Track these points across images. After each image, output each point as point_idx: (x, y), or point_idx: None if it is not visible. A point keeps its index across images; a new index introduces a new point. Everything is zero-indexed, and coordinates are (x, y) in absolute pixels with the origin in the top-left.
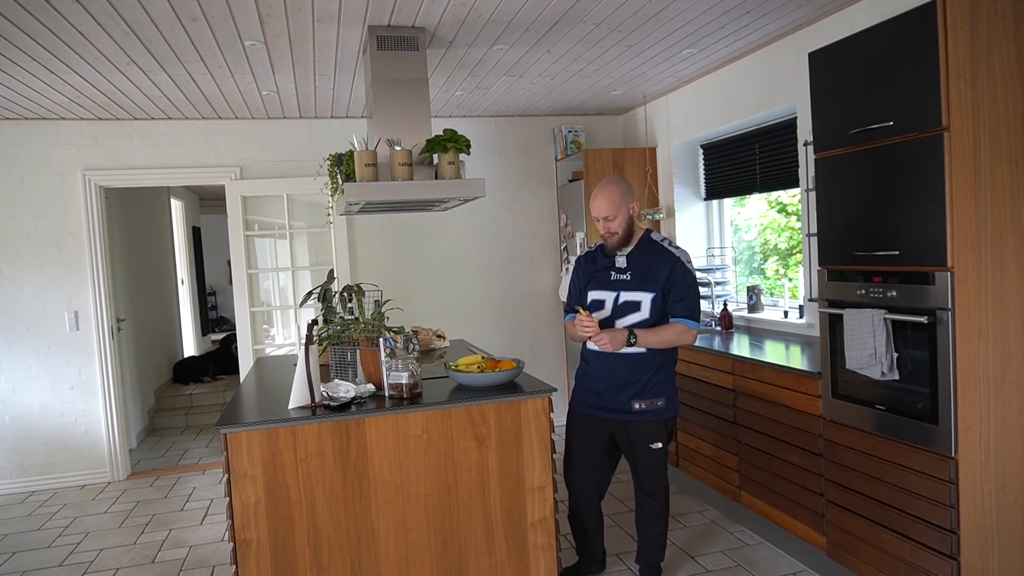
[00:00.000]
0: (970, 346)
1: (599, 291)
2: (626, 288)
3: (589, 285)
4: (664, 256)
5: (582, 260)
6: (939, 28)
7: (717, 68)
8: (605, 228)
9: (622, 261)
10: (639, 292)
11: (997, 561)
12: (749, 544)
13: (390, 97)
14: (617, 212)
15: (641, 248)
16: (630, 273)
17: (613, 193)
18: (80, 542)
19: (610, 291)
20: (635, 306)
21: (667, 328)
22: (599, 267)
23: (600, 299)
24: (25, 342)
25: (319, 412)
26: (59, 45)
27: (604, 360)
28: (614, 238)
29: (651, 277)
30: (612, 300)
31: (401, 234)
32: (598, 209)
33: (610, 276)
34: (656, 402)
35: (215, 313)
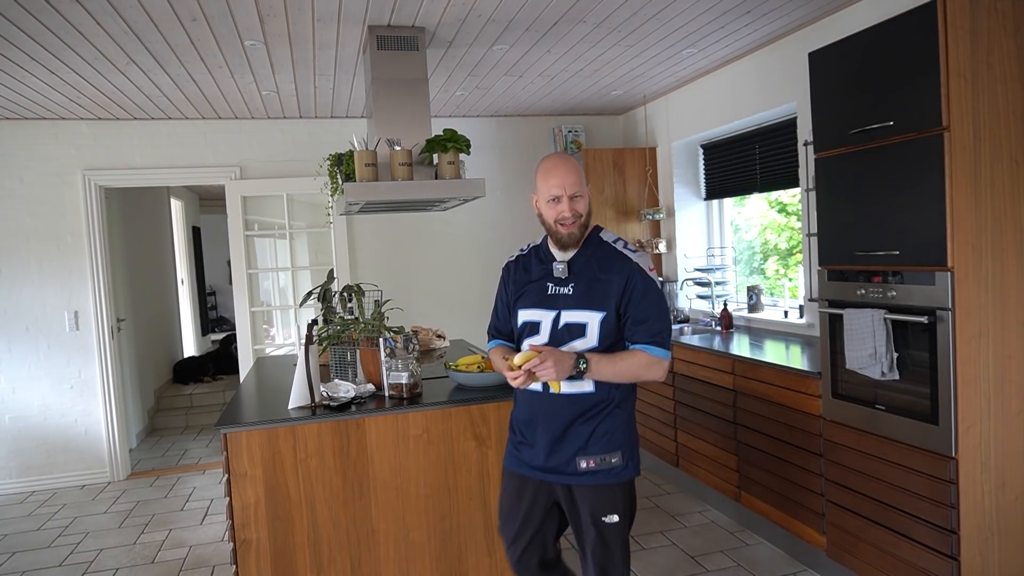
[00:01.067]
0: (970, 346)
1: (533, 310)
2: (568, 305)
3: (520, 301)
4: (618, 262)
5: (511, 267)
6: (939, 28)
7: (717, 68)
8: (571, 210)
9: (562, 269)
10: (584, 311)
11: (997, 561)
12: (749, 544)
13: (390, 97)
14: (583, 187)
15: (588, 251)
16: (573, 285)
17: (575, 164)
18: (80, 542)
19: (547, 309)
20: (579, 330)
21: (628, 356)
22: (533, 277)
23: (533, 320)
24: (25, 342)
25: (319, 412)
26: (59, 45)
27: (539, 401)
28: (576, 226)
29: (600, 290)
30: (550, 322)
31: (401, 234)
32: (563, 182)
33: (546, 289)
34: (610, 459)
35: (215, 313)
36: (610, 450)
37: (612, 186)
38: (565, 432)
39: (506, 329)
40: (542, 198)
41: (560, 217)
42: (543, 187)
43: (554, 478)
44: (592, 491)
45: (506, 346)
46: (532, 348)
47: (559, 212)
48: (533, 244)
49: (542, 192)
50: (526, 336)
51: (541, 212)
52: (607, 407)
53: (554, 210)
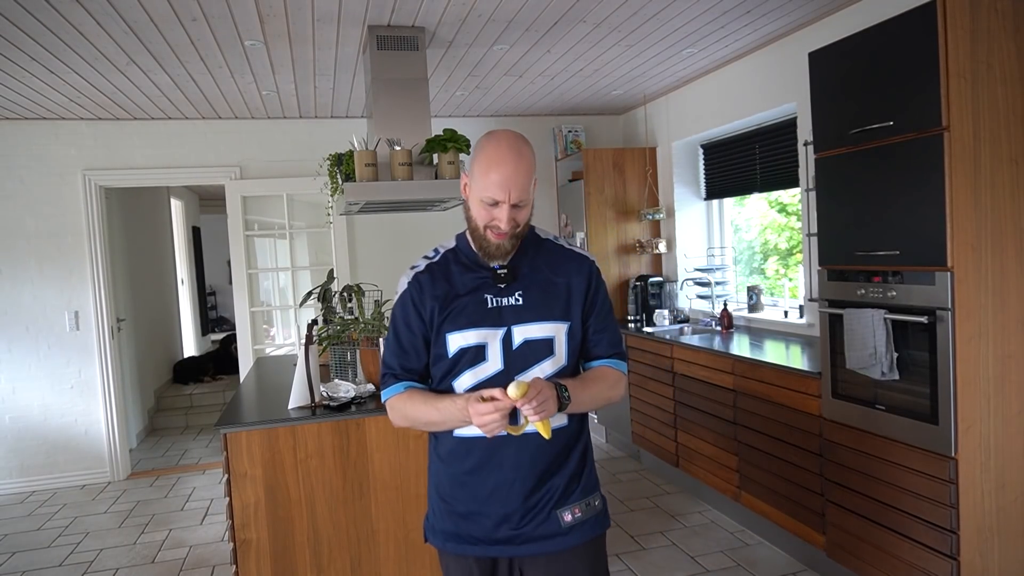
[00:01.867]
0: (970, 346)
1: (471, 330)
2: (521, 318)
3: (448, 323)
4: (574, 261)
5: (421, 281)
6: (939, 28)
7: (717, 68)
8: (510, 221)
9: (505, 270)
10: (545, 322)
11: (997, 561)
12: (749, 544)
13: (390, 97)
14: (530, 193)
15: (530, 251)
16: (522, 293)
17: (529, 160)
18: (80, 542)
19: (491, 327)
20: (543, 347)
21: (596, 376)
22: (460, 289)
23: (475, 344)
24: (25, 342)
25: (319, 412)
26: (59, 45)
27: (497, 448)
28: (507, 237)
29: (559, 295)
30: (499, 342)
31: (401, 234)
32: (508, 184)
33: (485, 302)
34: (593, 502)
35: (215, 313)
36: (591, 491)
37: (612, 186)
38: (538, 482)
39: (418, 366)
40: (475, 192)
41: (492, 223)
42: (480, 181)
43: (528, 549)
44: (585, 550)
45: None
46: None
47: (492, 217)
48: (443, 248)
49: (477, 185)
50: (466, 367)
51: (469, 206)
52: (582, 438)
53: (487, 213)
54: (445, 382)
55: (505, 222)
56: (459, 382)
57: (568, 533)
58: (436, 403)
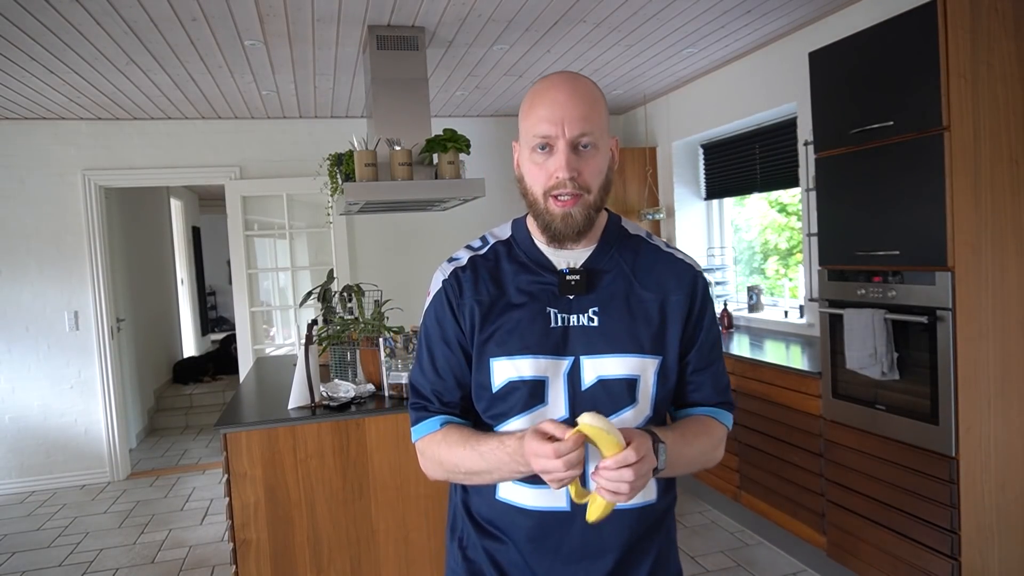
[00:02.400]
0: (971, 346)
1: (526, 357)
2: (595, 348)
3: (493, 343)
4: (672, 268)
5: (460, 280)
6: (939, 28)
7: (717, 68)
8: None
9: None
10: (626, 355)
11: (997, 561)
12: (749, 544)
13: (390, 97)
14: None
15: (611, 247)
16: (598, 310)
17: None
18: (80, 542)
19: (552, 356)
20: (623, 392)
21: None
22: (512, 295)
23: (530, 377)
24: (25, 342)
25: (319, 412)
26: (59, 45)
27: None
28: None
29: (647, 317)
30: (563, 379)
31: (401, 234)
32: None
33: (548, 318)
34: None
35: (215, 313)
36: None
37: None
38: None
39: (458, 395)
40: (523, 145)
41: (551, 185)
42: (526, 125)
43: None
44: None
45: (466, 425)
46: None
47: (549, 174)
48: (493, 237)
49: (524, 135)
50: (517, 409)
51: (523, 175)
52: (668, 511)
53: (541, 169)
54: (487, 425)
55: (564, 168)
56: (508, 428)
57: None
58: (479, 445)
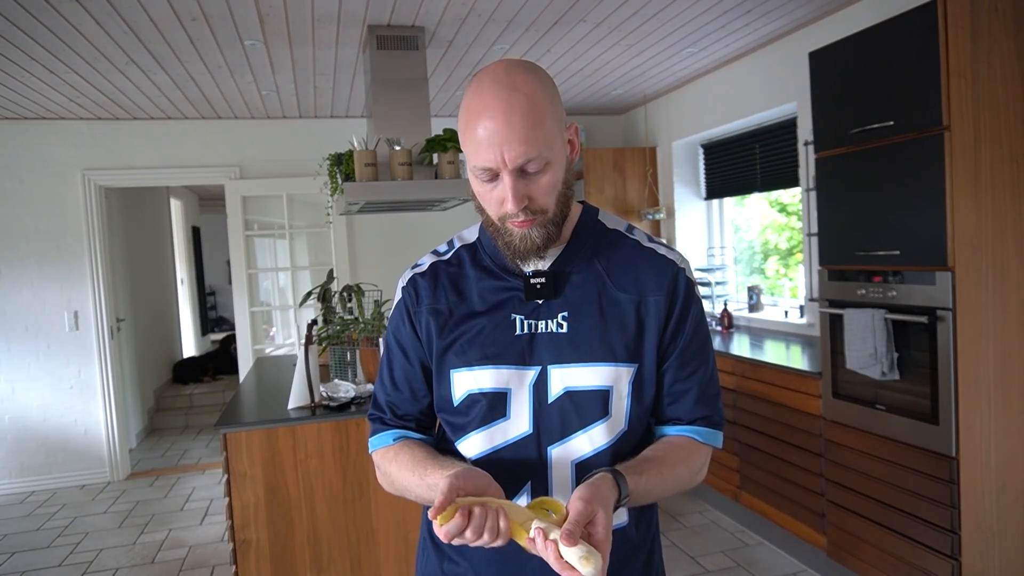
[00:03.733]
0: (971, 346)
1: (487, 368)
2: (563, 356)
3: (453, 353)
4: (649, 263)
5: (421, 284)
6: (939, 28)
7: (717, 68)
8: (518, 200)
9: (544, 278)
10: (599, 365)
11: (998, 561)
12: (749, 544)
13: (390, 97)
14: (547, 148)
15: (585, 245)
16: (568, 315)
17: (533, 99)
18: (80, 542)
19: (518, 366)
20: (594, 404)
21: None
22: (475, 303)
23: (492, 389)
24: (25, 342)
25: (319, 412)
26: (58, 45)
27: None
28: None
29: (621, 320)
30: (528, 391)
31: (401, 234)
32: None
33: (512, 325)
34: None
35: (215, 313)
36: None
37: (612, 186)
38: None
39: (414, 409)
40: (469, 166)
41: (503, 213)
42: (467, 147)
43: None
44: None
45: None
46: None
47: (497, 202)
48: (460, 241)
49: (467, 156)
50: (476, 423)
51: (476, 194)
52: (648, 533)
53: (490, 195)
54: (448, 441)
55: (512, 200)
56: (466, 444)
57: None
58: (426, 475)
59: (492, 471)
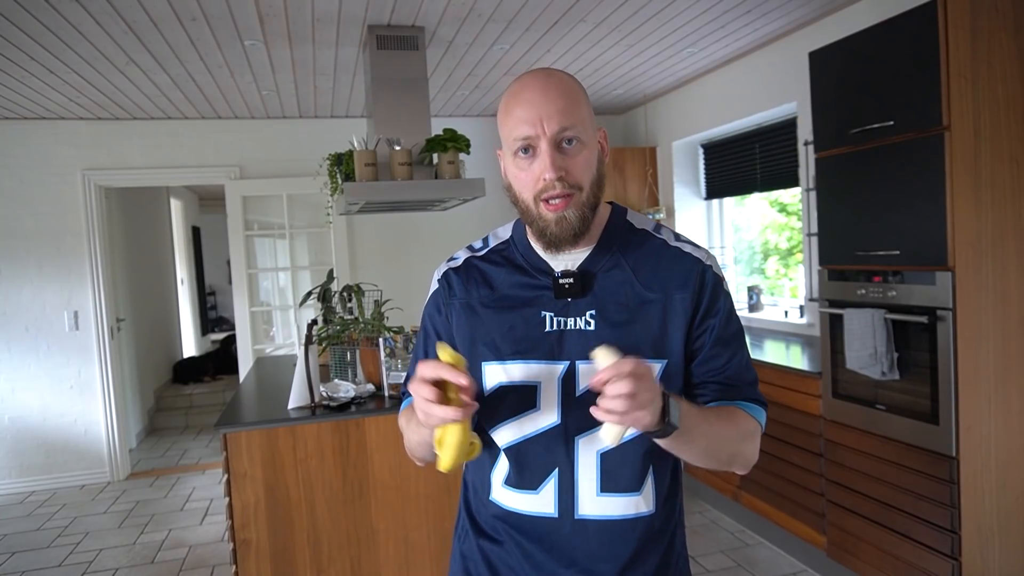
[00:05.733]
0: (971, 346)
1: (516, 362)
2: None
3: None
4: (676, 263)
5: (452, 282)
6: (939, 28)
7: (717, 68)
8: (556, 169)
9: (572, 277)
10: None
11: (998, 561)
12: (749, 544)
13: (390, 96)
14: (583, 127)
15: (613, 244)
16: (596, 312)
17: (569, 84)
18: (80, 542)
19: (547, 361)
20: None
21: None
22: (505, 295)
23: (521, 382)
24: (25, 342)
25: (319, 412)
26: (59, 45)
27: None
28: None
29: (648, 319)
30: (556, 384)
31: (401, 234)
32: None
33: (542, 322)
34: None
35: (215, 313)
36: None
37: (612, 186)
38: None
39: None
40: (506, 150)
41: (540, 188)
42: (506, 130)
43: None
44: None
45: None
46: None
47: (535, 175)
48: (495, 238)
49: (506, 139)
50: (507, 414)
51: (511, 183)
52: (668, 532)
53: (527, 173)
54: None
55: (550, 168)
56: (498, 434)
57: None
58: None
59: (521, 458)
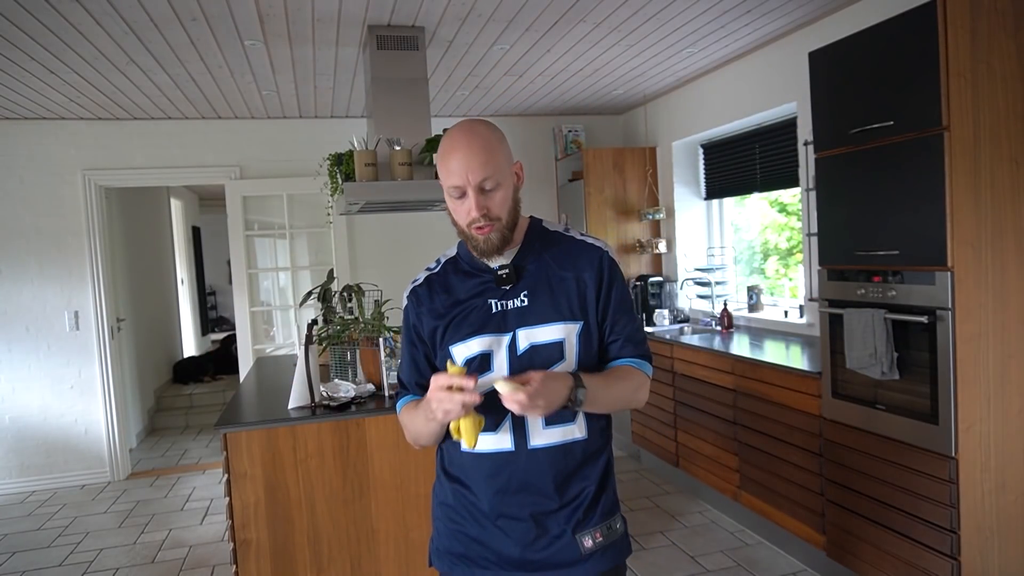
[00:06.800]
0: (970, 346)
1: (475, 338)
2: (527, 321)
3: (450, 335)
4: (583, 252)
5: (420, 295)
6: (939, 28)
7: (717, 68)
8: (479, 208)
9: (508, 269)
10: (553, 324)
11: (997, 561)
12: (749, 544)
13: (390, 97)
14: (499, 173)
15: (535, 245)
16: (527, 293)
17: (487, 138)
18: (80, 542)
19: (496, 333)
20: (552, 351)
21: (621, 373)
22: (461, 296)
23: (479, 352)
24: (25, 342)
25: (319, 412)
26: (59, 45)
27: (508, 462)
28: (494, 229)
29: (568, 292)
30: (505, 349)
31: (401, 234)
32: (467, 168)
33: (489, 307)
34: (615, 525)
35: (215, 313)
36: (612, 513)
37: (612, 186)
38: (556, 501)
39: (422, 381)
40: (445, 190)
41: (469, 219)
42: (442, 177)
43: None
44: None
45: None
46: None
47: (466, 212)
48: (444, 257)
49: (443, 183)
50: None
51: (451, 213)
52: (600, 453)
53: (460, 209)
54: None
55: (475, 208)
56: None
57: (587, 560)
58: (418, 408)
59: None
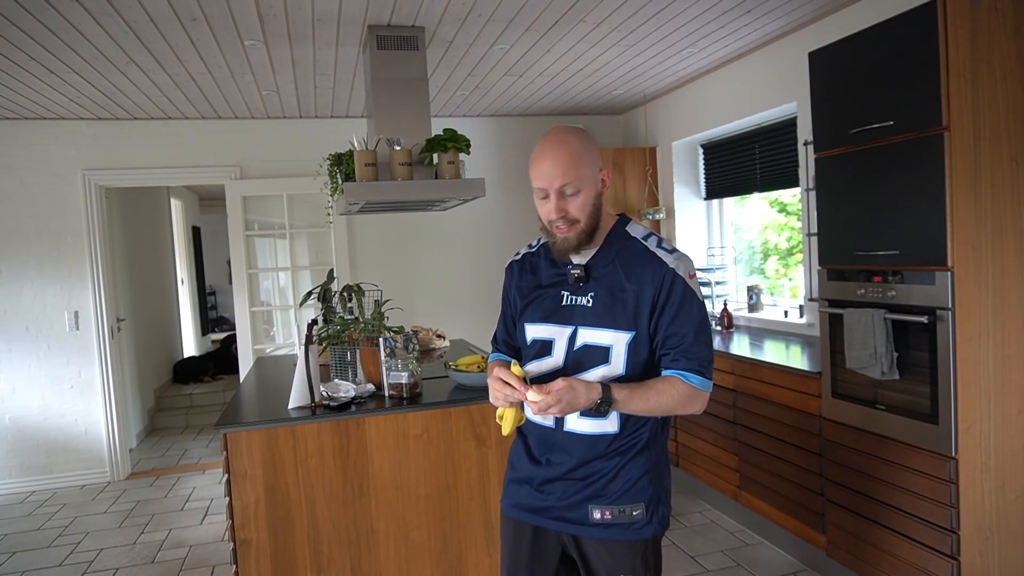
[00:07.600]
0: (970, 346)
1: (543, 325)
2: (587, 321)
3: (527, 313)
4: (650, 265)
5: (515, 269)
6: (939, 28)
7: (717, 68)
8: (558, 211)
9: (580, 270)
10: (605, 329)
11: (997, 561)
12: (749, 544)
13: (390, 97)
14: (581, 180)
15: (612, 250)
16: (593, 295)
17: (573, 147)
18: (80, 542)
19: (561, 324)
20: (600, 354)
21: (663, 386)
22: (543, 281)
23: (544, 339)
24: (25, 342)
25: (319, 412)
26: (59, 45)
27: (549, 433)
28: (572, 231)
29: (626, 303)
30: (565, 341)
31: (401, 234)
32: (548, 173)
33: (561, 298)
34: (630, 511)
35: (215, 313)
36: (632, 501)
37: (612, 186)
38: (578, 470)
39: (507, 338)
40: (534, 190)
41: (549, 219)
42: (532, 178)
43: (560, 526)
44: (606, 547)
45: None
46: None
47: (547, 212)
48: (545, 240)
49: (532, 183)
50: (533, 356)
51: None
52: (632, 446)
53: (543, 208)
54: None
55: (554, 211)
56: (527, 368)
57: (593, 527)
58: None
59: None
